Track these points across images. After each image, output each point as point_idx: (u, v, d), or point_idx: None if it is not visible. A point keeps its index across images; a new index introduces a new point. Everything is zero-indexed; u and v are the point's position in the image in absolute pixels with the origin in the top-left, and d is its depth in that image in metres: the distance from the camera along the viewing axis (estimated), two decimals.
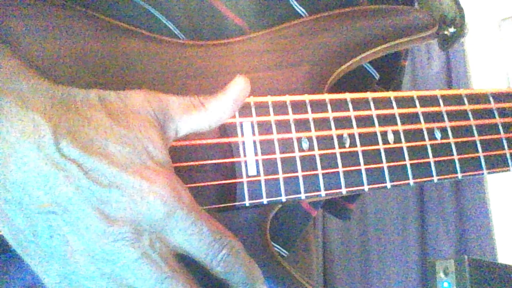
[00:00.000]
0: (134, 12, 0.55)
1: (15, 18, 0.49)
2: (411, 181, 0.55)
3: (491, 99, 0.62)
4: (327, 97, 0.55)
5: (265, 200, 0.50)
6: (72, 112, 0.40)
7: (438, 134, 0.57)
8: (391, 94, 0.57)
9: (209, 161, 0.50)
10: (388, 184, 0.54)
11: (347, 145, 0.54)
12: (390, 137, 0.56)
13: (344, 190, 0.53)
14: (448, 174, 0.57)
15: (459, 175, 0.57)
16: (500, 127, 0.61)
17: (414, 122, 0.57)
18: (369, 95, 0.57)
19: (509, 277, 1.73)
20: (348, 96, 0.56)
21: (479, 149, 0.59)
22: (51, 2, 0.51)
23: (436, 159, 0.57)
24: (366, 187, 0.54)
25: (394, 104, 0.57)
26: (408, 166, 0.55)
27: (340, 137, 0.54)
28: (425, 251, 2.57)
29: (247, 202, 0.50)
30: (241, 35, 0.57)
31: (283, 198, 0.51)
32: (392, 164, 0.55)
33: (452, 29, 0.66)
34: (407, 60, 0.78)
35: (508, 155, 0.60)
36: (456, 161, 0.57)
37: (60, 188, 0.38)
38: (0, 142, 0.38)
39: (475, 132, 0.59)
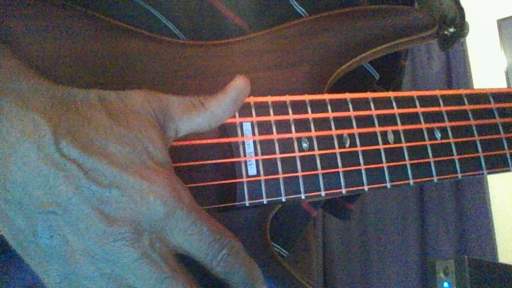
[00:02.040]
0: (134, 12, 0.55)
1: (15, 18, 0.49)
2: (411, 181, 0.55)
3: (491, 99, 0.62)
4: (327, 97, 0.55)
5: (265, 200, 0.50)
6: (72, 112, 0.40)
7: (438, 134, 0.57)
8: (391, 94, 0.57)
9: (209, 161, 0.50)
10: (388, 184, 0.54)
11: (347, 145, 0.54)
12: (390, 137, 0.56)
13: (344, 190, 0.53)
14: (448, 174, 0.57)
15: (459, 175, 0.57)
16: (500, 127, 0.61)
17: (414, 122, 0.57)
18: (369, 95, 0.57)
19: (509, 277, 1.73)
20: (348, 96, 0.56)
21: (479, 149, 0.59)
22: (51, 2, 0.50)
23: (436, 159, 0.56)
24: (366, 187, 0.54)
25: (394, 104, 0.57)
26: (408, 166, 0.55)
27: (340, 137, 0.54)
28: (425, 251, 2.57)
29: (247, 202, 0.50)
30: (241, 35, 0.57)
31: (283, 198, 0.51)
32: (392, 164, 0.55)
33: (452, 29, 0.66)
34: (407, 60, 0.78)
35: (508, 155, 0.60)
36: (456, 161, 0.57)
37: (60, 188, 0.38)
38: (0, 142, 0.38)
39: (475, 132, 0.59)
